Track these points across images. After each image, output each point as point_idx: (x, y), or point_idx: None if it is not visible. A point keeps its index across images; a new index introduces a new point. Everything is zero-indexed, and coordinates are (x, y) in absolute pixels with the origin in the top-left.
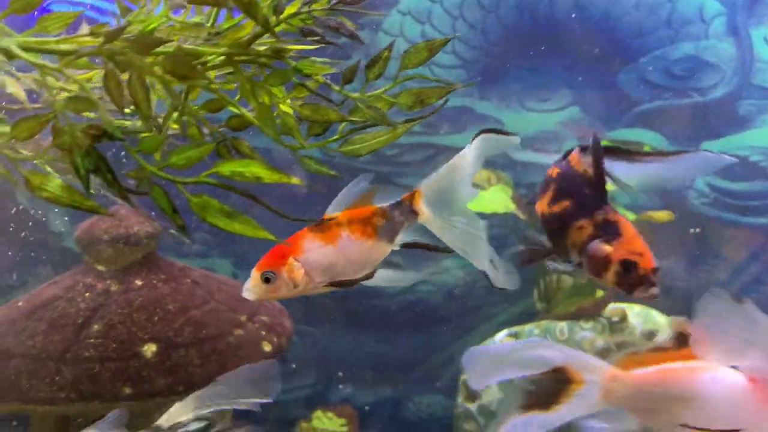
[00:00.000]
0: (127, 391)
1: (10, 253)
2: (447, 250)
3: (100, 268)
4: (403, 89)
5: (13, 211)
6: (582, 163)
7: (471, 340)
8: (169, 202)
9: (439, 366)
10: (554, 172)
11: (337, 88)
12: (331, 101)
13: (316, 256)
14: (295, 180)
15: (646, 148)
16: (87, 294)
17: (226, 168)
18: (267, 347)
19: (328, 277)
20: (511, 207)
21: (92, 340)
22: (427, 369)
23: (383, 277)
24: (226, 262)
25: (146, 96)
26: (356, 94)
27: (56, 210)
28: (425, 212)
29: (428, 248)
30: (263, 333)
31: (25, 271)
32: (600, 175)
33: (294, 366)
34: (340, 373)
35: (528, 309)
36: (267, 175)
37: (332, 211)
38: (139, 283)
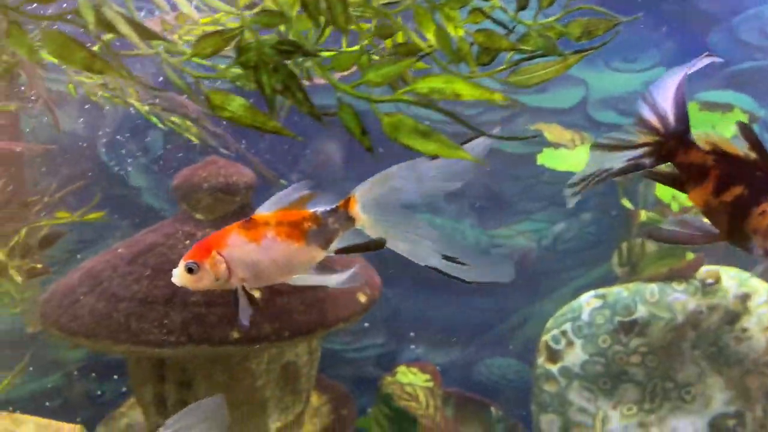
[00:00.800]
0: (235, 335)
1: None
2: (379, 245)
3: (199, 216)
4: (571, 19)
5: (92, 166)
6: (736, 147)
7: (546, 304)
8: (358, 123)
9: (511, 329)
10: (706, 159)
11: (511, 13)
12: (506, 27)
13: (239, 253)
14: (497, 96)
15: (735, 111)
16: (187, 242)
17: (424, 85)
18: (362, 298)
19: (250, 274)
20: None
21: None
22: (500, 332)
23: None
24: None
25: (344, 9)
26: (529, 21)
27: (131, 168)
28: (362, 218)
29: (361, 249)
30: (358, 285)
31: (104, 226)
32: (766, 156)
33: (366, 325)
34: (412, 334)
35: (606, 274)
36: (468, 92)
37: (264, 211)
38: None
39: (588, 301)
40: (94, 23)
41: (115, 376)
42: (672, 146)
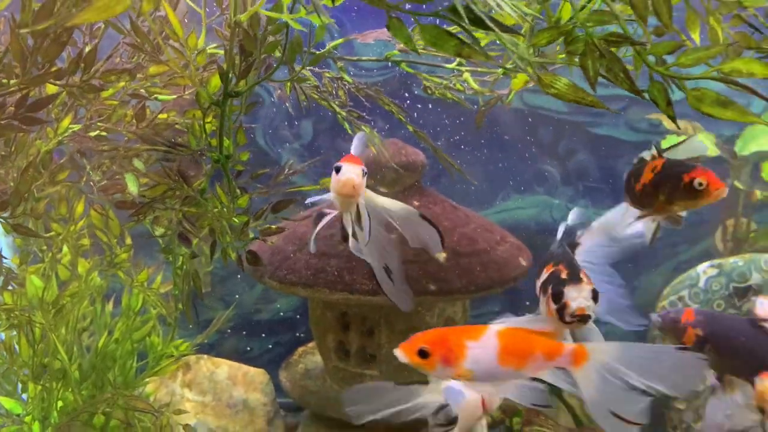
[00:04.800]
0: (432, 287)
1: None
2: None
3: (383, 189)
4: None
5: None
6: None
7: (652, 277)
8: (666, 97)
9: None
10: None
11: None
12: (755, 28)
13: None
14: None
15: None
16: None
17: (728, 66)
18: (524, 262)
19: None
20: (717, 151)
21: None
22: None
23: None
24: None
25: (668, 8)
26: None
27: (286, 149)
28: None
29: None
30: (516, 251)
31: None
32: None
33: None
34: (527, 303)
35: (709, 249)
36: (760, 71)
37: None
38: (416, 203)
39: (705, 270)
40: (466, 19)
41: (263, 335)
42: None
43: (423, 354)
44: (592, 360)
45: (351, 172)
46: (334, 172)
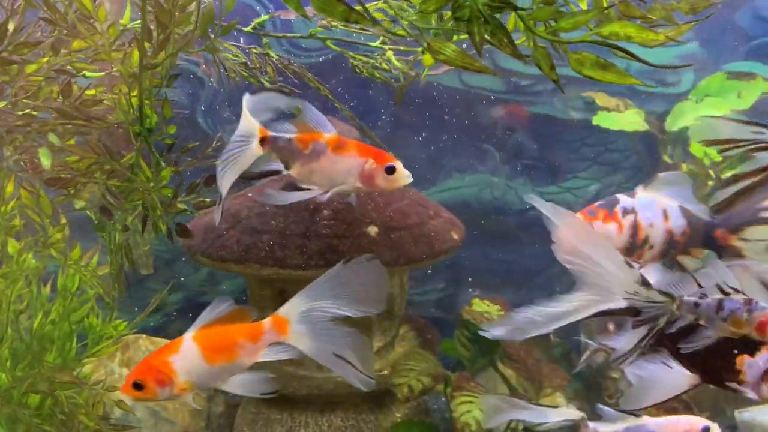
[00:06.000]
0: None
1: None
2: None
3: None
4: None
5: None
6: None
7: None
8: (549, 61)
9: (558, 274)
10: None
11: None
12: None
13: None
14: (660, 36)
15: (758, 79)
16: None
17: (605, 29)
18: (456, 236)
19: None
20: (647, 126)
21: (326, 222)
22: (547, 276)
23: None
24: None
25: None
26: None
27: (228, 129)
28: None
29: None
30: (449, 225)
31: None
32: None
33: (429, 271)
34: (470, 279)
35: None
36: (636, 34)
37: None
38: None
39: None
40: None
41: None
42: None
43: (138, 387)
44: (292, 320)
45: (409, 175)
46: (384, 171)
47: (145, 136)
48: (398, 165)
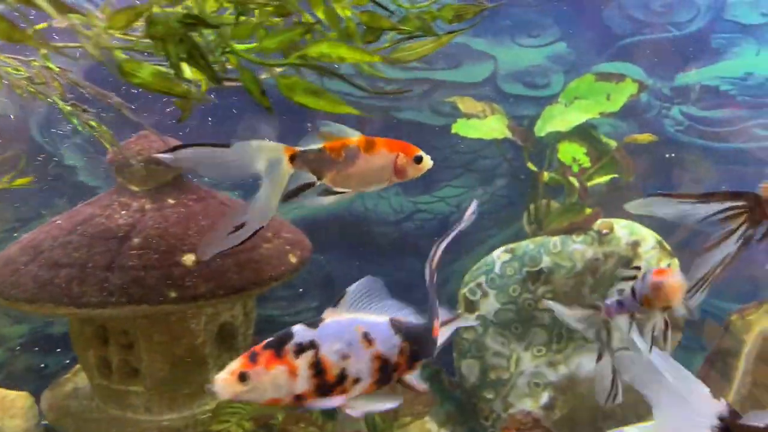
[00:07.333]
0: (173, 294)
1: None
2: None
3: (134, 188)
4: (444, 5)
5: (28, 147)
6: None
7: (466, 261)
8: (257, 85)
9: (437, 286)
10: None
11: None
12: (388, 10)
13: None
14: (376, 58)
15: (627, 80)
16: (123, 212)
17: (314, 49)
18: (293, 259)
19: None
20: (508, 133)
21: (134, 252)
22: (424, 290)
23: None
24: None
25: None
26: (407, 5)
27: (68, 145)
28: None
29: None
30: (288, 247)
31: (42, 204)
32: None
33: (301, 290)
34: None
35: (519, 232)
36: (350, 55)
37: None
38: (171, 201)
39: (499, 255)
40: None
41: (58, 349)
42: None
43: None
44: None
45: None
46: (414, 161)
47: None
48: (423, 153)
